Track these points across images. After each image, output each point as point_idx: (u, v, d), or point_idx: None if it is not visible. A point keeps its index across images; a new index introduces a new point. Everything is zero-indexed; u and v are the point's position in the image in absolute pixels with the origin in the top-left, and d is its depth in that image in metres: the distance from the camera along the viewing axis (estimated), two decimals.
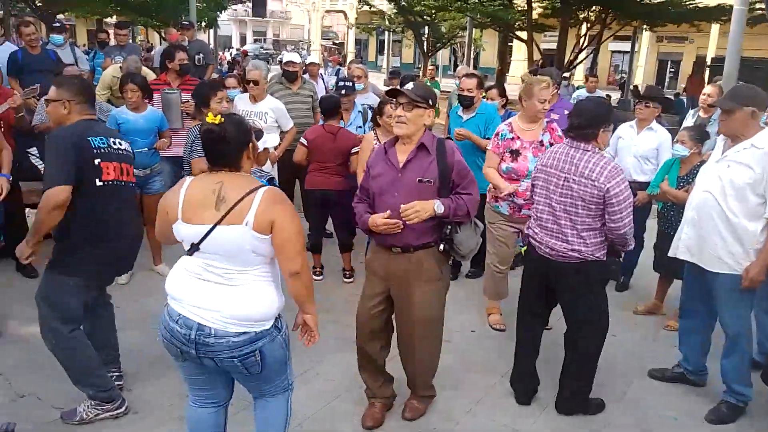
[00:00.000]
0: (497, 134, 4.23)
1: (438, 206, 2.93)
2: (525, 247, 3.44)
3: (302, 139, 5.06)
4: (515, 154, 4.11)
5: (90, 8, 19.46)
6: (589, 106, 3.26)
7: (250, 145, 2.41)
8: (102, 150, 3.03)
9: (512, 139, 4.14)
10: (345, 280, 5.23)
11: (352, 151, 4.96)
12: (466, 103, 4.92)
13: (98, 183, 3.00)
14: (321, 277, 5.17)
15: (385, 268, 3.12)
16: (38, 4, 13.74)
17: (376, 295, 3.19)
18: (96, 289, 3.24)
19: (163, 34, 20.39)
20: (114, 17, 24.21)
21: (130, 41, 7.88)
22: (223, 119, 2.30)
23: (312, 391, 3.56)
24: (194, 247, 2.31)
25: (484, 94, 5.36)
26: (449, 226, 3.02)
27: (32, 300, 3.11)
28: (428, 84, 9.12)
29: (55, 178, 2.86)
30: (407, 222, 2.93)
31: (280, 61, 7.42)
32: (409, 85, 3.17)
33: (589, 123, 3.12)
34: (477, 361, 3.99)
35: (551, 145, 3.97)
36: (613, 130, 4.74)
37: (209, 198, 2.27)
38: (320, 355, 3.93)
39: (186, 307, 2.33)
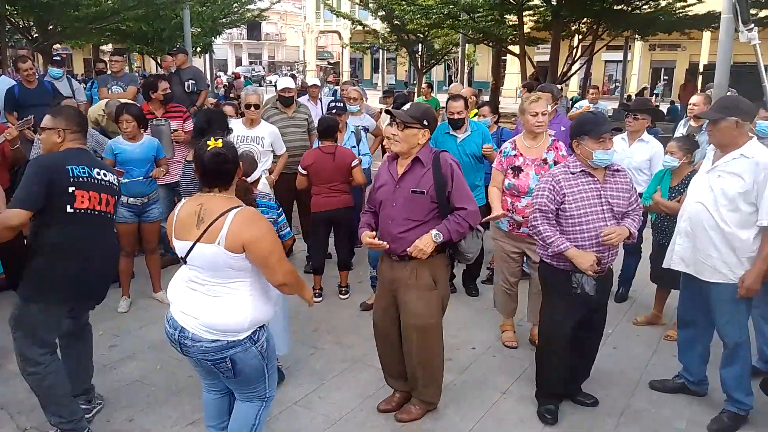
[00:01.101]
0: (501, 151, 4.28)
1: (436, 236, 3.13)
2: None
3: (300, 168, 5.09)
4: (517, 170, 4.12)
5: (86, 38, 19.64)
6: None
7: (239, 167, 2.61)
8: (81, 179, 3.03)
9: (515, 156, 4.16)
10: (341, 296, 5.25)
11: (353, 164, 5.02)
12: (458, 125, 4.94)
13: (68, 209, 2.98)
14: (320, 299, 5.18)
15: (389, 274, 3.36)
16: (35, 36, 13.85)
17: (384, 298, 3.44)
18: (67, 316, 3.20)
19: (159, 61, 20.57)
20: (110, 45, 24.46)
21: (126, 69, 7.91)
22: (222, 143, 2.51)
23: (316, 413, 3.56)
24: (183, 260, 2.55)
25: (475, 111, 5.42)
26: None
27: None
28: (423, 101, 9.13)
29: (19, 201, 2.91)
30: (420, 257, 3.16)
31: (273, 84, 7.50)
32: (406, 107, 3.27)
33: None
34: (478, 378, 3.99)
35: (555, 163, 3.99)
36: None
37: (192, 218, 2.49)
38: (323, 378, 3.93)
39: (175, 311, 2.59)
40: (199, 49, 22.09)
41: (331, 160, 4.99)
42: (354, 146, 5.61)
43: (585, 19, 16.86)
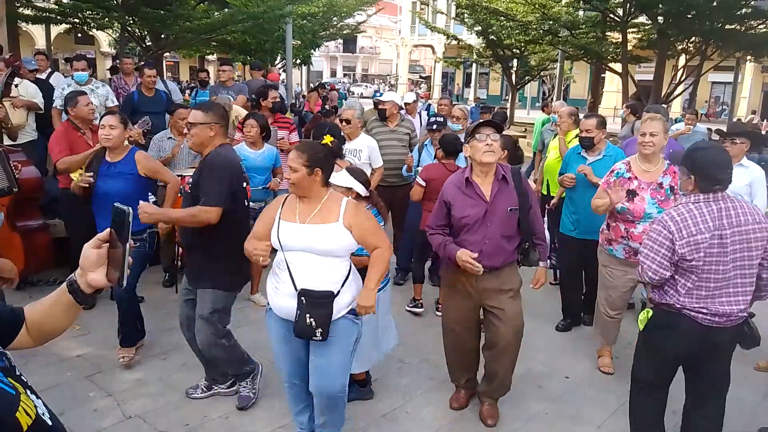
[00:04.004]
0: (612, 171, 4.11)
1: (545, 265, 3.54)
2: (649, 312, 3.08)
3: (419, 179, 4.98)
4: (632, 194, 3.94)
5: (195, 48, 20.76)
6: (724, 156, 2.90)
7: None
8: (245, 174, 3.41)
9: (629, 179, 3.99)
10: (437, 313, 5.20)
11: None
12: (587, 144, 4.79)
13: (246, 203, 3.39)
14: (422, 309, 5.19)
15: (474, 285, 3.39)
16: (148, 44, 14.79)
17: (463, 308, 3.51)
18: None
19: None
20: (215, 55, 25.73)
21: (234, 79, 8.25)
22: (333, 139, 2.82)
23: (403, 428, 3.56)
24: None
25: (573, 132, 5.24)
26: (527, 243, 3.41)
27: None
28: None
29: (214, 199, 3.19)
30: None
31: (360, 96, 7.61)
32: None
33: (731, 170, 2.85)
34: (570, 410, 3.85)
35: (671, 188, 3.83)
36: None
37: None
38: (411, 394, 3.92)
39: None
40: (298, 61, 22.84)
41: None
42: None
43: (693, 38, 16.07)
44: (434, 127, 5.52)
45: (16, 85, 6.37)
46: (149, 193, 3.95)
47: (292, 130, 6.02)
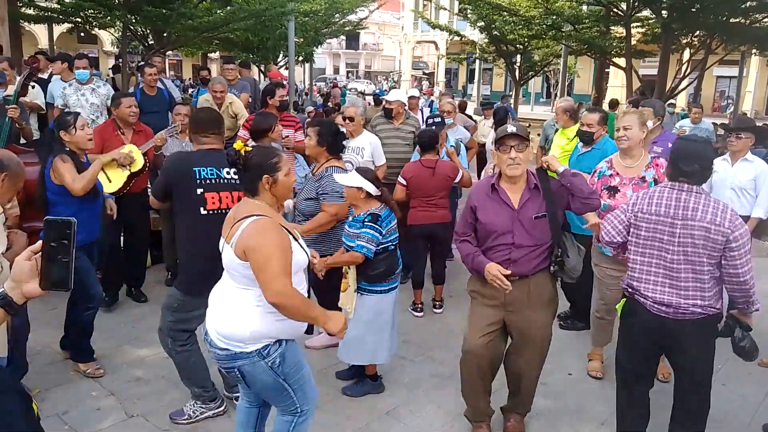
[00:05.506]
0: (595, 172, 4.09)
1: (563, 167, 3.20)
2: (622, 303, 3.17)
3: (400, 179, 5.07)
4: (613, 190, 3.92)
5: (197, 46, 20.77)
6: (698, 149, 2.96)
7: (267, 177, 2.50)
8: (208, 181, 3.25)
9: (611, 176, 3.98)
10: (435, 311, 5.23)
11: (456, 180, 5.02)
12: (586, 138, 4.78)
13: (202, 212, 3.24)
14: (422, 314, 5.18)
15: (503, 296, 3.18)
16: (150, 43, 14.81)
17: (491, 324, 3.26)
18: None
19: (263, 69, 21.43)
20: (218, 53, 25.73)
21: (239, 77, 8.24)
22: (249, 148, 2.50)
23: (406, 425, 3.56)
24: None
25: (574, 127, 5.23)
26: (559, 250, 3.16)
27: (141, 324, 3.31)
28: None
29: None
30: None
31: (358, 92, 7.56)
32: (511, 127, 3.15)
33: (703, 166, 2.89)
34: (573, 406, 3.84)
35: (655, 181, 3.79)
36: None
37: (231, 219, 2.55)
38: (413, 391, 3.92)
39: (208, 313, 2.64)
40: (301, 59, 22.82)
41: (431, 175, 4.97)
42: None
43: (698, 32, 15.97)
44: (433, 127, 5.52)
45: (33, 86, 6.41)
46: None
47: (298, 128, 5.99)
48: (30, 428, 1.24)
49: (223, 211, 3.21)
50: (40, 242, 1.46)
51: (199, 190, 3.23)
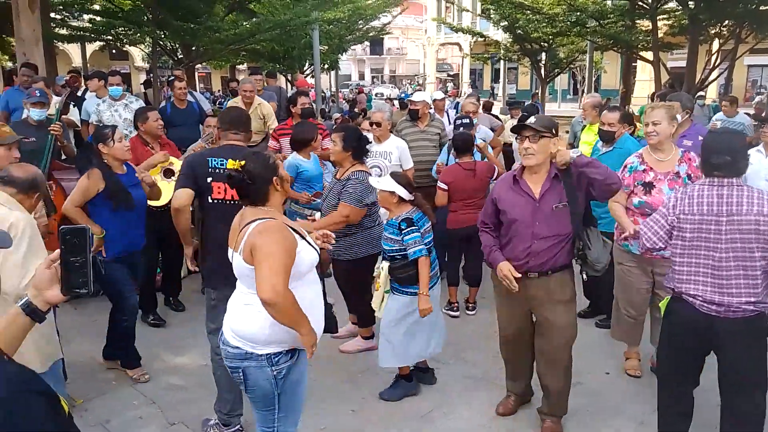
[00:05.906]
0: (625, 166, 3.99)
1: (574, 152, 3.19)
2: (666, 301, 3.12)
3: (441, 184, 5.07)
4: (648, 186, 3.83)
5: (225, 58, 21.14)
6: (726, 140, 2.92)
7: (275, 179, 2.54)
8: (217, 170, 3.30)
9: (644, 171, 3.89)
10: (468, 312, 5.23)
11: (493, 178, 5.07)
12: (607, 138, 4.73)
13: (209, 200, 3.32)
14: (458, 313, 5.20)
15: (523, 292, 3.25)
16: (180, 57, 15.12)
17: (514, 314, 3.43)
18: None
19: (290, 78, 21.68)
20: (245, 64, 26.12)
21: (265, 86, 8.39)
22: (243, 162, 2.49)
23: (440, 428, 3.56)
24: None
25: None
26: (581, 243, 3.20)
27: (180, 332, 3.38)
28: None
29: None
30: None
31: (383, 97, 7.61)
32: (532, 119, 3.18)
33: (734, 157, 2.81)
34: (611, 405, 3.81)
35: (689, 176, 3.73)
36: None
37: (236, 227, 2.58)
38: (447, 394, 3.93)
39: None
40: (326, 66, 23.02)
41: (472, 177, 5.00)
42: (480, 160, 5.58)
43: (726, 21, 15.65)
44: (460, 129, 5.52)
45: (74, 105, 6.61)
46: None
47: (325, 135, 6.07)
48: (59, 428, 1.28)
49: (228, 202, 3.27)
50: (57, 251, 1.53)
51: (209, 179, 3.31)
